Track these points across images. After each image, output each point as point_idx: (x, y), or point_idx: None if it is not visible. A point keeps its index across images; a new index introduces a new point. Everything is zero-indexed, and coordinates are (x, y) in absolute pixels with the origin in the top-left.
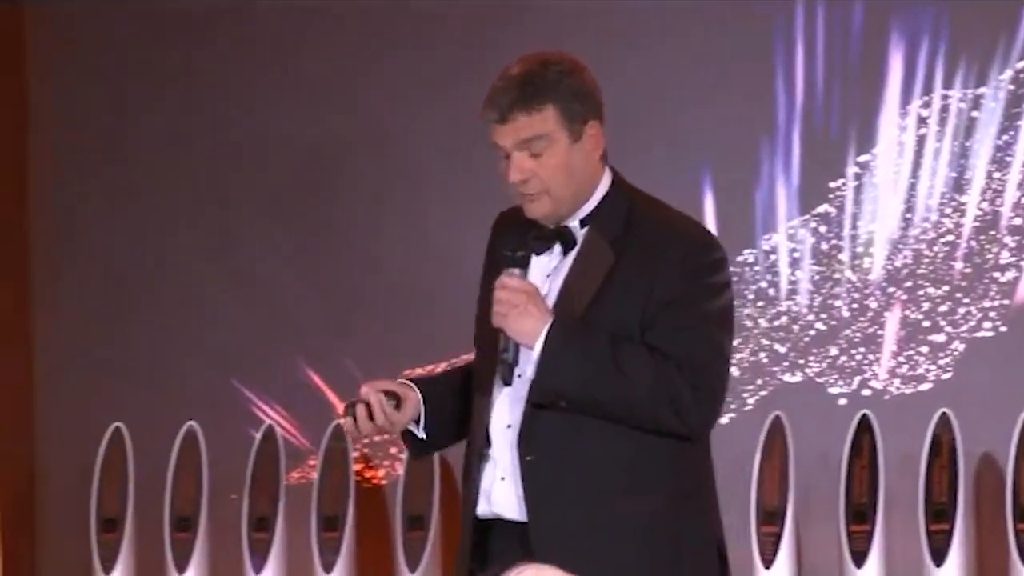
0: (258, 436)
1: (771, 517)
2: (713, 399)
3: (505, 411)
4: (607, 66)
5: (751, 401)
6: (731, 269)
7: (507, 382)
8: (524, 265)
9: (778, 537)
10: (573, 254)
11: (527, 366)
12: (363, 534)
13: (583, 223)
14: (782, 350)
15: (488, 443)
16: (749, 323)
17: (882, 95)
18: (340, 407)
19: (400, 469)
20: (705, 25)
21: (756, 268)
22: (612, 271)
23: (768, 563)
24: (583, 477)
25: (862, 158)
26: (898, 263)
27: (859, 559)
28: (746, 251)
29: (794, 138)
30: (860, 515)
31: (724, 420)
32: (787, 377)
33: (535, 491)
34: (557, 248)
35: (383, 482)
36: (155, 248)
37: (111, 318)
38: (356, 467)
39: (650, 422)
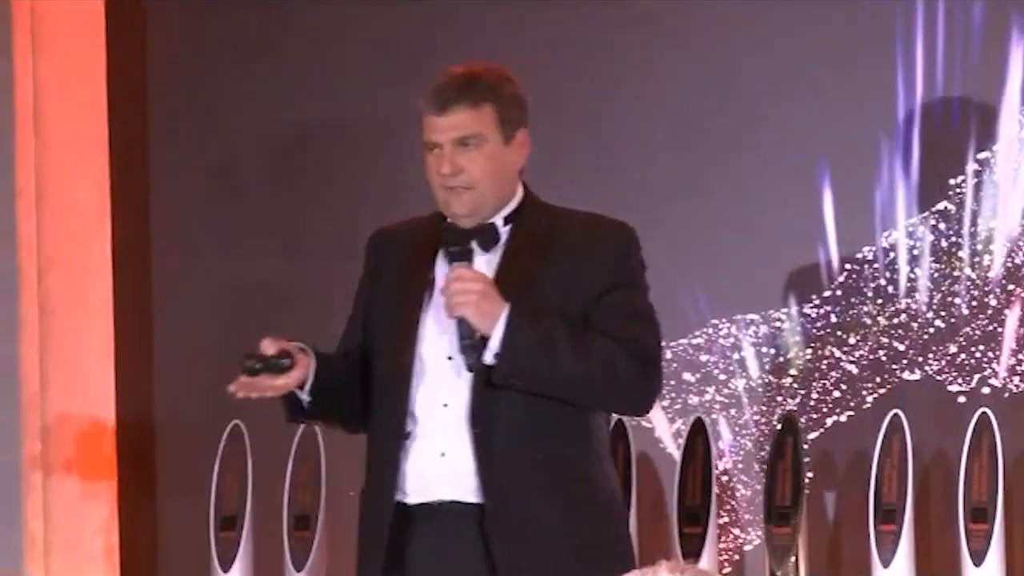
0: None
1: (889, 515)
2: (656, 379)
3: (439, 391)
4: (725, 64)
5: (870, 399)
6: (849, 266)
7: (471, 368)
8: (468, 259)
9: (897, 535)
10: (500, 249)
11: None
12: None
13: (506, 220)
14: (901, 348)
15: (407, 425)
16: (868, 320)
17: (1002, 91)
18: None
19: None
20: (825, 22)
21: (875, 266)
22: (545, 263)
23: (886, 562)
24: (535, 456)
25: (982, 155)
26: (1018, 260)
27: (978, 558)
28: (865, 248)
29: (914, 135)
30: (979, 513)
31: (843, 418)
32: (906, 375)
33: (488, 468)
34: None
35: None
36: (274, 248)
37: (230, 315)
38: None
39: (598, 401)
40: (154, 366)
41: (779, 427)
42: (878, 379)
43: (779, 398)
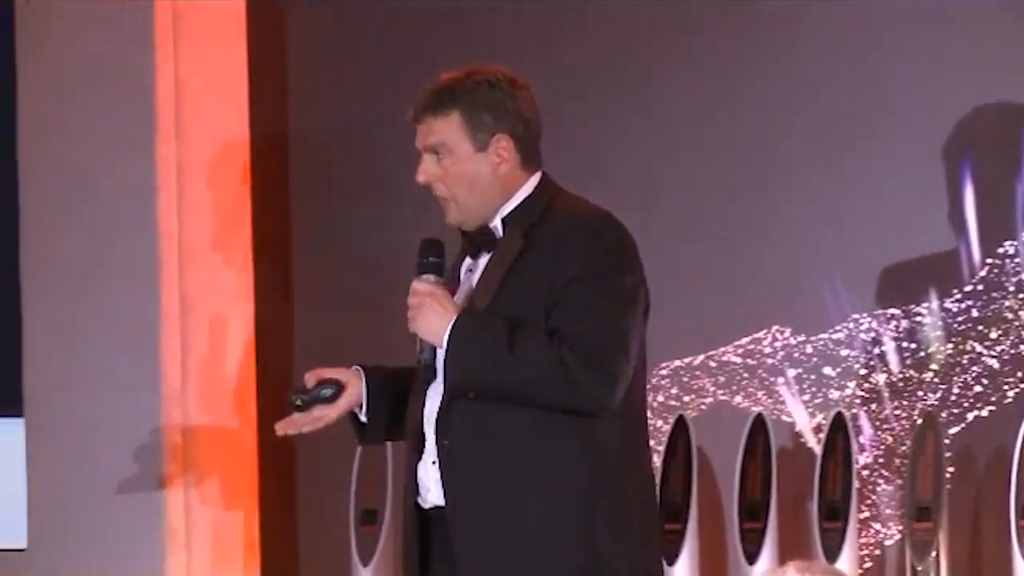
0: None
1: None
2: (607, 375)
3: (432, 402)
4: (864, 61)
5: (1011, 394)
6: (991, 261)
7: (427, 380)
8: (436, 271)
9: None
10: (494, 251)
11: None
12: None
13: (504, 222)
14: None
15: (423, 433)
16: (1009, 315)
17: None
18: None
19: (657, 461)
20: (966, 14)
21: (1017, 260)
22: (519, 257)
23: None
24: (494, 462)
25: None
26: None
27: None
28: (1007, 243)
29: None
30: None
31: (984, 413)
32: None
33: (451, 476)
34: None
35: None
36: (411, 247)
37: (369, 307)
38: None
39: (551, 403)
40: (294, 361)
41: (920, 422)
42: (1020, 374)
43: (920, 393)
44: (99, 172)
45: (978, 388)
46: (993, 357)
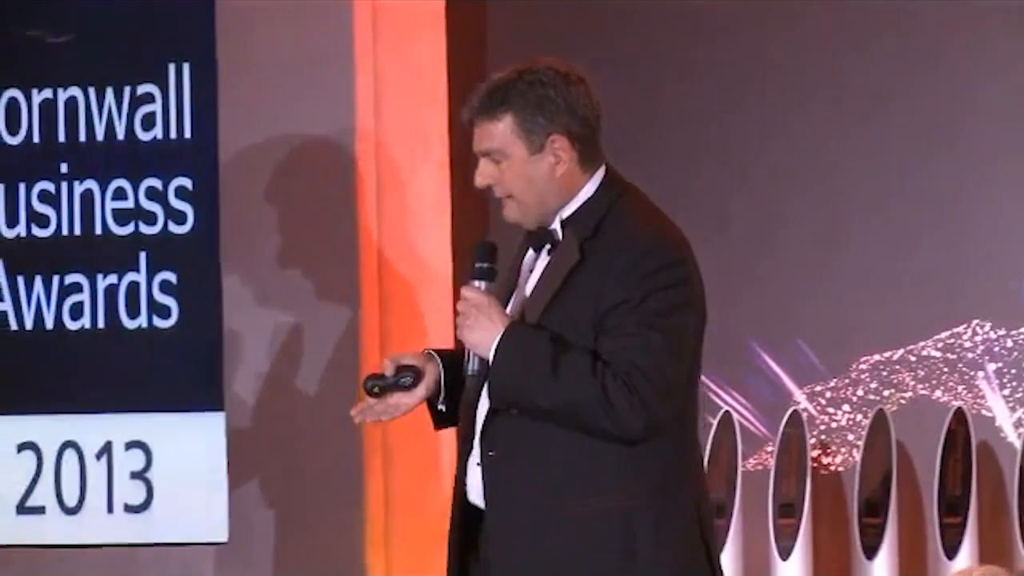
0: (714, 422)
1: None
2: (646, 404)
3: (483, 409)
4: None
5: None
6: None
7: (468, 390)
8: (488, 277)
9: None
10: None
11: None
12: (820, 521)
13: (564, 224)
14: None
15: (474, 431)
16: None
17: None
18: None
19: (857, 456)
20: None
21: None
22: (573, 272)
23: None
24: (534, 476)
25: None
26: None
27: None
28: None
29: None
30: None
31: None
32: None
33: (492, 484)
34: (544, 249)
35: (840, 469)
36: None
37: None
38: (813, 453)
39: (588, 427)
40: None
41: None
42: None
43: None
44: (299, 168)
45: None
46: None
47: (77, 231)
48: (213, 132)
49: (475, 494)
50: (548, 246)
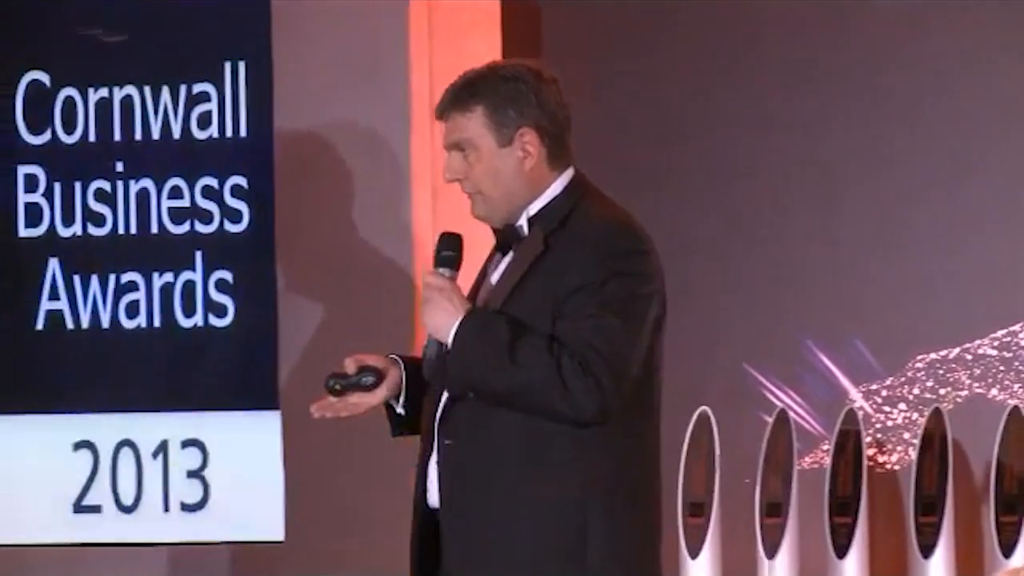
0: (770, 421)
1: None
2: (601, 386)
3: (445, 395)
4: None
5: None
6: None
7: (427, 375)
8: (451, 265)
9: None
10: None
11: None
12: (876, 520)
13: (530, 222)
14: None
15: (433, 432)
16: None
17: None
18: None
19: (913, 454)
20: None
21: None
22: (536, 261)
23: None
24: (489, 462)
25: None
26: None
27: None
28: None
29: None
30: None
31: None
32: None
33: (448, 475)
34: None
35: (896, 467)
36: (668, 237)
37: None
38: (869, 452)
39: (544, 410)
40: None
41: None
42: None
43: None
44: (353, 166)
45: None
46: None
47: (133, 230)
48: (268, 130)
49: (434, 497)
50: (513, 245)
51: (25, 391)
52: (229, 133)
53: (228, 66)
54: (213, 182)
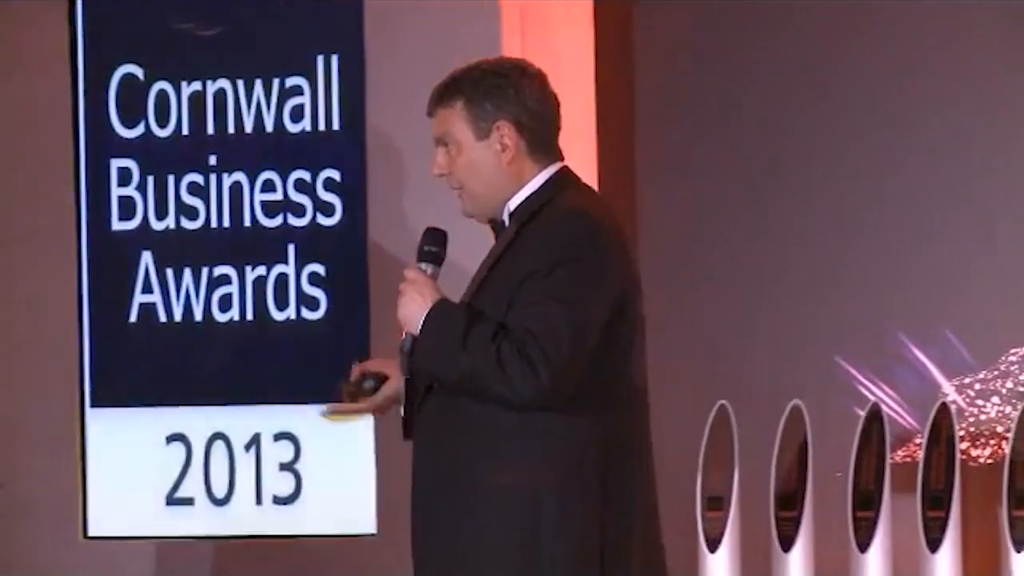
0: (863, 414)
1: None
2: (536, 372)
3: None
4: None
5: None
6: None
7: (402, 369)
8: (433, 260)
9: None
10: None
11: None
12: (969, 514)
13: (512, 215)
14: None
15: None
16: None
17: None
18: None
19: (1006, 448)
20: None
21: None
22: (504, 253)
23: None
24: (457, 454)
25: None
26: None
27: None
28: None
29: None
30: None
31: None
32: None
33: (421, 466)
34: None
35: (989, 461)
36: (763, 232)
37: (716, 297)
38: (962, 446)
39: (487, 393)
40: None
41: None
42: None
43: None
44: None
45: None
46: None
47: (226, 223)
48: (361, 124)
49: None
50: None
51: (119, 384)
52: (322, 127)
53: (321, 60)
54: (306, 175)
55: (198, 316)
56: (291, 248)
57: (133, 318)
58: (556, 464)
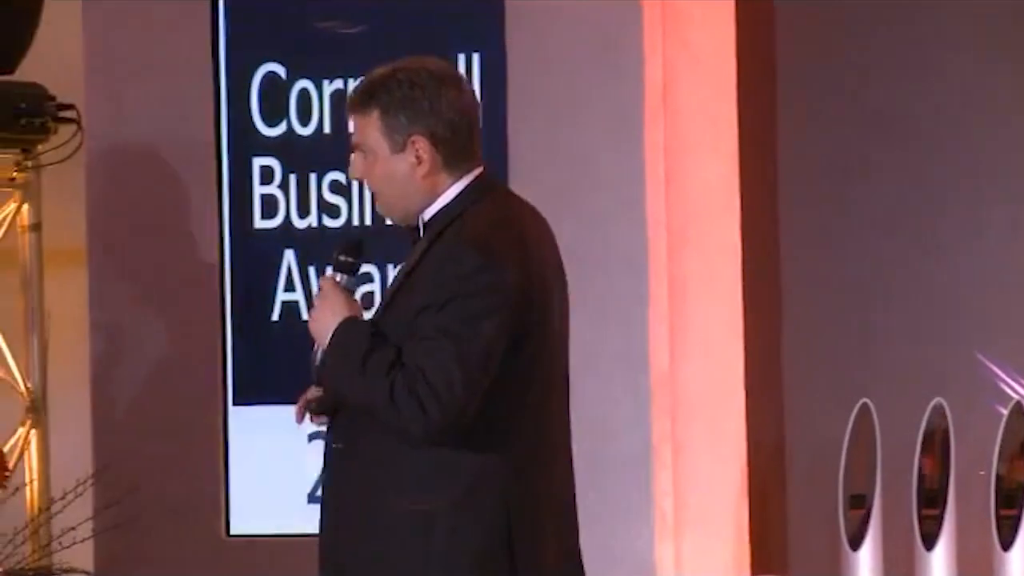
0: (1005, 412)
1: None
2: (425, 410)
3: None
4: None
5: None
6: None
7: (314, 380)
8: (346, 270)
9: None
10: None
11: None
12: None
13: (425, 227)
14: None
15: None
16: None
17: None
18: None
19: None
20: None
21: None
22: (411, 273)
23: None
24: (363, 472)
25: None
26: None
27: None
28: None
29: None
30: None
31: None
32: None
33: (332, 478)
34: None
35: None
36: (900, 230)
37: (857, 296)
38: None
39: (388, 424)
40: (781, 345)
41: None
42: None
43: None
44: (586, 159)
45: None
46: None
47: (368, 221)
48: (502, 123)
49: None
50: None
51: (262, 382)
52: None
53: (462, 58)
54: None
55: None
56: None
57: (276, 316)
58: (450, 488)
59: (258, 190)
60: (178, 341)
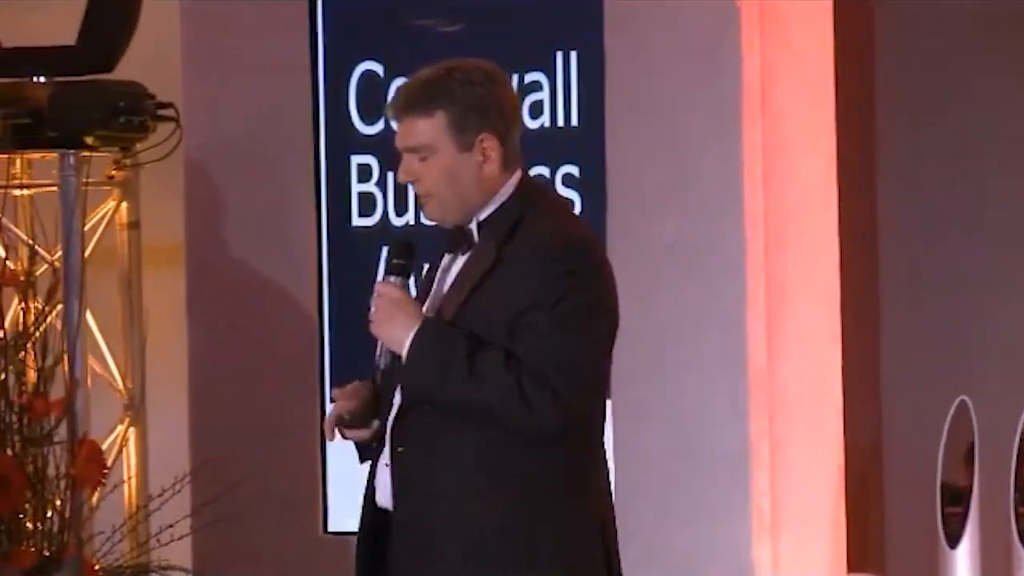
0: None
1: None
2: (560, 399)
3: (397, 400)
4: None
5: None
6: None
7: (379, 384)
8: (402, 273)
9: None
10: (468, 254)
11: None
12: None
13: (480, 226)
14: None
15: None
16: None
17: None
18: None
19: None
20: None
21: None
22: (488, 273)
23: None
24: (442, 473)
25: None
26: None
27: None
28: None
29: None
30: None
31: None
32: None
33: (401, 482)
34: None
35: None
36: (1000, 227)
37: (955, 293)
38: None
39: (504, 421)
40: (880, 346)
41: None
42: None
43: None
44: (684, 159)
45: None
46: None
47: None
48: (600, 120)
49: (383, 496)
50: (464, 247)
51: (359, 380)
52: (561, 122)
53: (560, 56)
54: (544, 171)
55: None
56: None
57: None
58: (546, 487)
59: (356, 188)
60: (275, 339)
